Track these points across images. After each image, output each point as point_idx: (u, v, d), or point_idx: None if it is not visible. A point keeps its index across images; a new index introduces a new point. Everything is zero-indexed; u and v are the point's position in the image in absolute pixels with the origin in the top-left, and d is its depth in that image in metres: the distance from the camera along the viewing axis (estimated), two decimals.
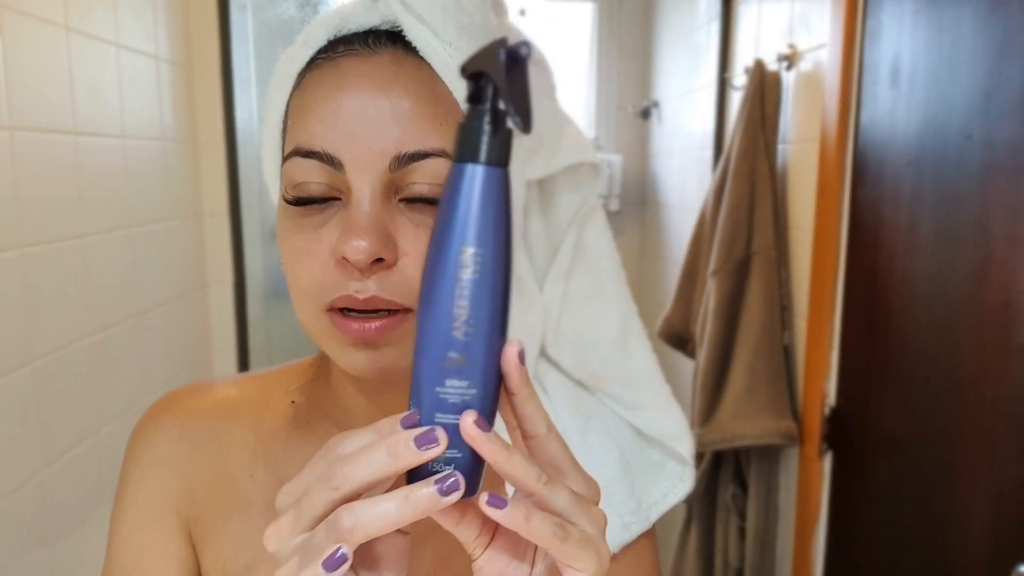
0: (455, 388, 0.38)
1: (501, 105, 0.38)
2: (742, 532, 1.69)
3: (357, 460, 0.36)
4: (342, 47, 0.48)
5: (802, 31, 1.56)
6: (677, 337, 1.91)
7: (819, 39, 1.48)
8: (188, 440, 0.56)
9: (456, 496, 0.36)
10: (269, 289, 1.97)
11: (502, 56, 0.37)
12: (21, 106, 1.13)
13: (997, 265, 1.05)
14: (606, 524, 0.41)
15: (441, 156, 0.46)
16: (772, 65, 1.63)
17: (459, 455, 0.39)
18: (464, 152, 0.38)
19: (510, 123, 0.38)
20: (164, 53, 1.66)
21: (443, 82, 0.47)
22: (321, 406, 0.57)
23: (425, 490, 0.36)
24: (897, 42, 1.27)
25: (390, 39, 0.48)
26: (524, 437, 0.40)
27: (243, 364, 1.93)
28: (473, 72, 0.39)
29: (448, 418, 0.39)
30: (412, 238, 0.46)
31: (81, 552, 1.26)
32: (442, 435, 0.37)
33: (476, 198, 0.38)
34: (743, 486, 1.69)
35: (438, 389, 0.39)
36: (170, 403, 0.59)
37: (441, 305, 0.38)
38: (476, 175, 0.38)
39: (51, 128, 1.21)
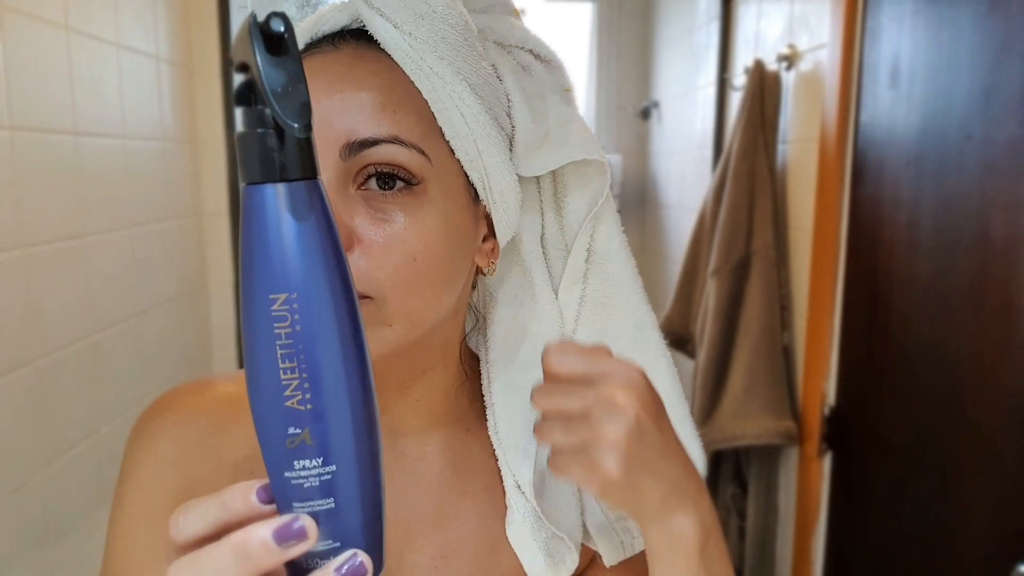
0: (308, 470, 0.31)
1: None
2: (742, 532, 1.69)
3: (202, 568, 0.30)
4: (315, 48, 0.49)
5: (802, 31, 1.56)
6: (677, 337, 1.91)
7: (819, 39, 1.48)
8: (187, 438, 0.56)
9: None
10: None
11: (256, 39, 0.29)
12: (21, 106, 1.12)
13: (996, 265, 1.05)
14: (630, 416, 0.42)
15: (392, 143, 0.46)
16: (772, 65, 1.63)
17: (336, 544, 0.32)
18: (250, 170, 0.30)
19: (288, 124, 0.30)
20: (164, 53, 1.66)
21: (403, 73, 0.47)
22: None
23: None
24: (897, 42, 1.27)
25: (354, 36, 0.49)
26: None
27: (243, 365, 1.93)
28: (240, 64, 0.31)
29: (311, 506, 0.32)
30: (369, 226, 0.45)
31: (81, 552, 1.26)
32: (310, 525, 0.31)
33: (275, 228, 0.30)
34: (743, 486, 1.69)
35: (288, 475, 0.31)
36: (170, 400, 0.58)
37: (264, 375, 0.31)
38: (268, 198, 0.30)
39: (51, 128, 1.21)
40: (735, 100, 1.82)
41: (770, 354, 1.57)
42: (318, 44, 0.49)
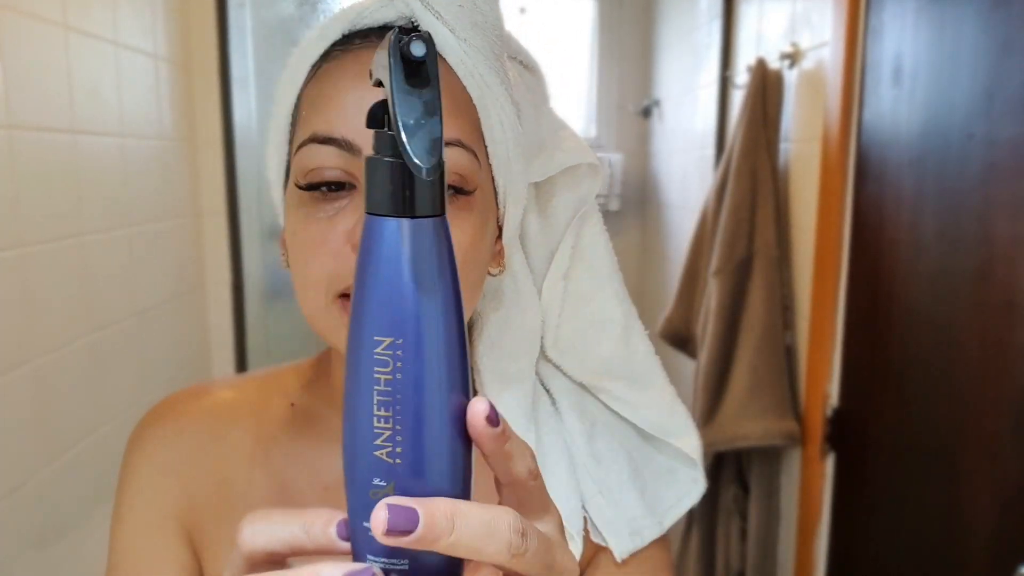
0: None
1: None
2: (743, 534, 1.69)
3: None
4: (358, 40, 0.49)
5: (804, 29, 1.56)
6: (678, 337, 1.90)
7: (821, 37, 1.47)
8: (186, 444, 0.56)
9: None
10: (267, 289, 1.97)
11: (395, 61, 0.27)
12: (19, 105, 1.12)
13: (1000, 264, 1.04)
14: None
15: (457, 146, 0.46)
16: (774, 64, 1.62)
17: None
18: (373, 200, 0.28)
19: (412, 158, 0.27)
20: (163, 52, 1.65)
21: (457, 77, 0.48)
22: (321, 408, 0.57)
23: None
24: (899, 41, 1.26)
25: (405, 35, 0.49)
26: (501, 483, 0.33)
27: (241, 364, 1.92)
28: (377, 80, 0.30)
29: (384, 562, 0.30)
30: None
31: (80, 552, 1.25)
32: None
33: (392, 266, 0.28)
34: (745, 487, 1.69)
35: (366, 525, 0.29)
36: (168, 408, 0.58)
37: (359, 418, 0.29)
38: (389, 232, 0.28)
39: (49, 127, 1.21)
40: (737, 99, 1.81)
41: (772, 354, 1.56)
42: (364, 36, 0.48)
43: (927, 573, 1.21)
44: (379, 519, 0.27)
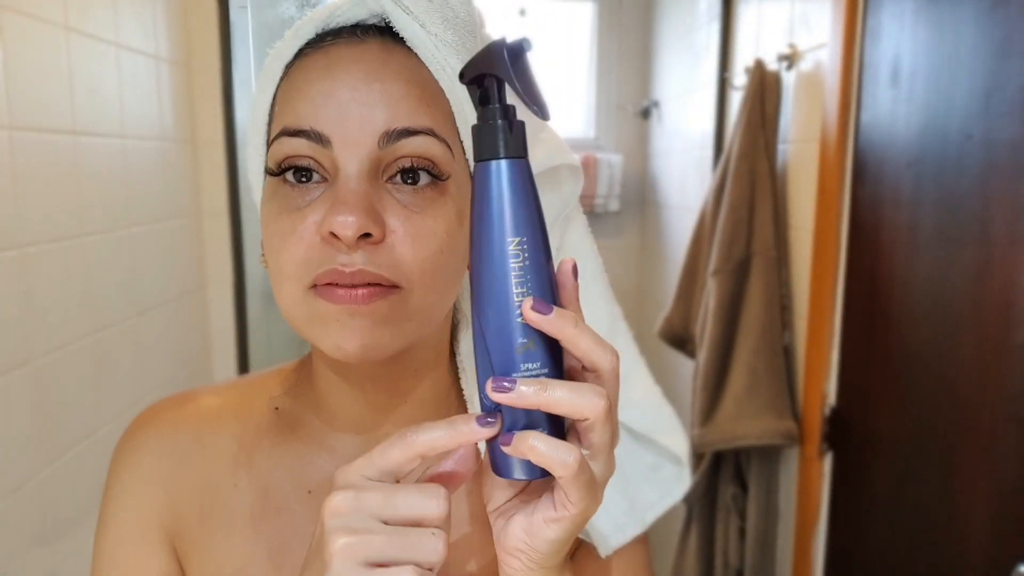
0: (532, 370, 0.41)
1: (508, 101, 0.40)
2: (742, 532, 1.69)
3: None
4: (330, 38, 0.49)
5: (802, 31, 1.56)
6: (677, 337, 1.90)
7: (819, 39, 1.48)
8: (170, 453, 0.56)
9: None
10: (269, 289, 1.96)
11: (505, 54, 0.38)
12: (20, 106, 1.12)
13: (997, 265, 1.05)
14: (611, 475, 0.43)
15: (429, 135, 0.46)
16: (772, 65, 1.63)
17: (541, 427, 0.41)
18: (484, 151, 0.41)
19: (530, 112, 0.40)
20: (164, 53, 1.65)
21: (429, 71, 0.48)
22: (305, 412, 0.57)
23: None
24: (897, 42, 1.27)
25: (377, 31, 0.49)
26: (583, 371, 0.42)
27: (243, 364, 1.93)
28: (475, 76, 0.41)
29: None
30: (400, 217, 0.46)
31: (80, 553, 1.25)
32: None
33: (507, 190, 0.40)
34: (743, 486, 1.69)
35: (515, 375, 0.41)
36: (151, 417, 0.58)
37: (503, 299, 0.40)
38: (501, 170, 0.40)
39: (51, 128, 1.21)
40: (735, 100, 1.82)
41: (771, 354, 1.56)
42: (336, 35, 0.49)
43: (925, 571, 1.22)
44: (527, 305, 0.40)
